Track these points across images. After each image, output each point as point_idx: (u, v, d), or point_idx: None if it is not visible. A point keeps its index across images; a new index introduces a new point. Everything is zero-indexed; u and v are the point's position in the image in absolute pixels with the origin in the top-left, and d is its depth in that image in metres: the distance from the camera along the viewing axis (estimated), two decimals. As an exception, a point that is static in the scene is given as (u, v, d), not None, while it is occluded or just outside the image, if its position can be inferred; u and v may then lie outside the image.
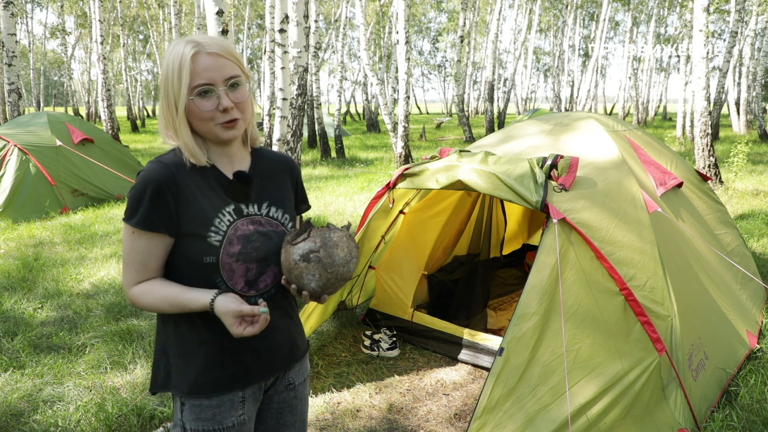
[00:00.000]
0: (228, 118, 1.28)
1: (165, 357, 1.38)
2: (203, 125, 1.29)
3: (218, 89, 1.26)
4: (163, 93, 1.28)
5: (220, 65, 1.26)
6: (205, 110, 1.26)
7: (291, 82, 6.52)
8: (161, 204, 1.25)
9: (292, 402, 1.53)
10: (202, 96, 1.25)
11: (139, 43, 33.94)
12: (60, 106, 49.95)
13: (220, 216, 1.31)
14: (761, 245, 5.47)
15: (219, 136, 1.30)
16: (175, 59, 1.24)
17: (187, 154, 1.30)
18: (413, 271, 3.84)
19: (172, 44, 1.28)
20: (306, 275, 1.28)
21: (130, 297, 1.32)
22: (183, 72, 1.23)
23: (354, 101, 43.77)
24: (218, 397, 1.36)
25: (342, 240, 1.31)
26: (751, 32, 18.55)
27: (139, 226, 1.26)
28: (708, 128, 8.63)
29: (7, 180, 7.33)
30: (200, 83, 1.24)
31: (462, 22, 18.05)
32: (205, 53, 1.25)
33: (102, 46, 14.75)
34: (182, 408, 1.37)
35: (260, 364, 1.40)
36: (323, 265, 1.28)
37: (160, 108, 1.31)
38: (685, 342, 2.56)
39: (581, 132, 3.29)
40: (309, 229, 1.31)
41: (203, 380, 1.34)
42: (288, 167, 1.51)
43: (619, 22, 36.39)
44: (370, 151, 16.24)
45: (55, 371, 3.29)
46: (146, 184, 1.25)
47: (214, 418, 1.35)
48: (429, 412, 2.90)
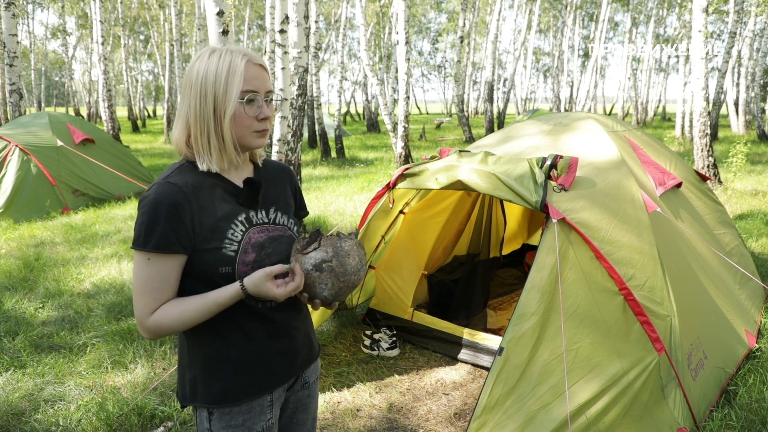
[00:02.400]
0: (264, 126, 1.34)
1: (190, 370, 1.38)
2: (241, 131, 1.31)
3: (261, 99, 1.32)
4: (199, 97, 1.27)
5: (264, 78, 1.33)
6: (248, 116, 1.30)
7: (291, 83, 6.53)
8: (178, 223, 1.24)
9: (306, 400, 1.56)
10: (249, 103, 1.30)
11: (139, 43, 33.93)
12: (61, 106, 49.95)
13: (233, 227, 1.32)
14: (760, 245, 5.48)
15: (251, 143, 1.34)
16: (224, 66, 1.27)
17: (216, 155, 1.31)
18: (413, 270, 3.85)
19: (208, 51, 1.29)
20: (319, 284, 1.30)
21: (148, 326, 1.27)
22: (236, 77, 1.27)
23: (354, 101, 43.79)
24: (248, 403, 1.37)
25: (353, 249, 1.33)
26: (750, 33, 18.54)
27: (157, 249, 1.23)
28: (707, 128, 8.64)
29: (8, 180, 7.34)
30: (249, 89, 1.29)
31: (462, 22, 18.06)
32: (253, 63, 1.31)
33: (103, 46, 14.76)
34: (210, 417, 1.36)
35: (285, 365, 1.42)
36: (336, 274, 1.30)
37: (188, 115, 1.30)
38: (684, 341, 2.57)
39: (581, 132, 3.30)
40: (319, 238, 1.33)
41: (231, 388, 1.35)
42: (287, 175, 1.55)
43: (618, 23, 36.40)
44: (370, 151, 16.25)
45: (56, 371, 3.30)
46: (159, 205, 1.23)
47: (245, 424, 1.37)
48: (429, 412, 2.91)
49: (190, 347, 1.37)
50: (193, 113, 1.29)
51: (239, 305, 1.33)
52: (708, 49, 8.52)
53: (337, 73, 17.49)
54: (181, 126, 1.32)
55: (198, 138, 1.30)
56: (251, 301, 1.34)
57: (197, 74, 1.27)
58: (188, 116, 1.30)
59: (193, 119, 1.29)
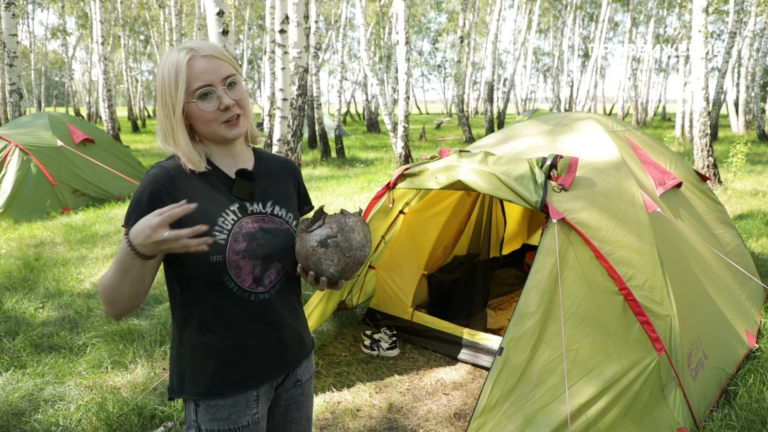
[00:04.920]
0: (230, 115, 1.31)
1: (179, 363, 1.39)
2: (207, 127, 1.31)
3: (218, 89, 1.29)
4: (161, 101, 1.29)
5: (216, 66, 1.29)
6: (208, 111, 1.29)
7: (291, 83, 6.53)
8: (159, 205, 1.24)
9: (299, 399, 1.55)
10: (202, 98, 1.28)
11: (139, 43, 33.94)
12: (61, 106, 49.95)
13: (223, 215, 1.32)
14: (760, 245, 5.48)
15: (224, 136, 1.32)
16: (170, 66, 1.26)
17: (185, 160, 1.31)
18: (413, 270, 3.85)
19: (164, 55, 1.31)
20: (325, 261, 1.29)
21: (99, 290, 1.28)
22: (180, 77, 1.26)
23: (354, 101, 43.77)
24: (233, 396, 1.37)
25: (357, 224, 1.33)
26: (750, 33, 18.55)
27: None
28: (707, 128, 8.64)
29: (8, 180, 7.34)
30: (200, 86, 1.27)
31: (462, 22, 18.06)
32: (199, 57, 1.28)
33: (103, 46, 14.76)
34: (197, 409, 1.37)
35: (272, 361, 1.42)
36: (341, 249, 1.29)
37: (157, 117, 1.33)
38: (684, 341, 2.57)
39: (581, 132, 3.30)
40: (323, 216, 1.33)
41: (218, 381, 1.35)
42: (290, 170, 1.55)
43: (618, 23, 36.40)
44: (370, 151, 16.25)
45: (56, 371, 3.30)
46: (145, 188, 1.27)
47: (230, 417, 1.37)
48: (429, 412, 2.91)
49: (179, 341, 1.38)
50: (159, 118, 1.32)
51: (226, 298, 1.32)
52: (708, 49, 8.53)
53: (337, 73, 17.49)
54: (158, 130, 1.35)
55: (168, 139, 1.32)
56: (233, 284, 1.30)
57: (156, 80, 1.30)
58: (159, 121, 1.33)
59: (162, 123, 1.31)
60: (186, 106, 1.29)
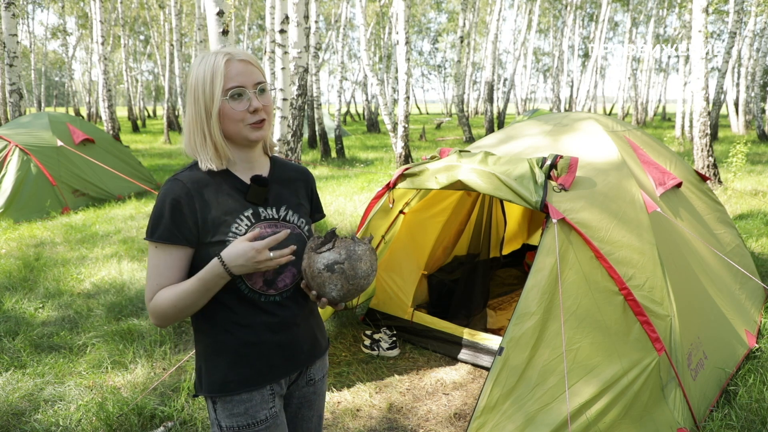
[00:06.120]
0: (257, 118, 1.37)
1: (197, 360, 1.46)
2: (234, 126, 1.37)
3: (249, 92, 1.36)
4: (193, 101, 1.36)
5: (250, 71, 1.37)
6: (238, 110, 1.35)
7: (291, 83, 6.53)
8: (180, 217, 1.33)
9: (311, 397, 1.59)
10: (234, 98, 1.35)
11: (139, 43, 33.92)
12: (61, 106, 49.94)
13: (238, 221, 1.38)
14: (760, 245, 5.48)
15: (248, 137, 1.38)
16: (208, 68, 1.34)
17: (212, 153, 1.37)
18: (413, 270, 3.85)
19: (199, 58, 1.38)
20: (328, 284, 1.33)
21: (150, 309, 1.35)
22: (217, 77, 1.33)
23: (354, 101, 43.78)
24: (248, 393, 1.42)
25: (366, 254, 1.36)
26: (750, 33, 18.55)
27: (161, 240, 1.33)
28: (707, 128, 8.64)
29: (8, 180, 7.34)
30: (233, 86, 1.34)
31: (462, 22, 18.06)
32: (236, 60, 1.36)
33: (103, 46, 14.76)
34: (215, 407, 1.43)
35: (284, 359, 1.46)
36: (346, 276, 1.33)
37: (188, 118, 1.39)
38: (684, 341, 2.57)
39: (581, 132, 3.30)
40: (334, 239, 1.36)
41: (230, 378, 1.40)
42: (304, 177, 1.59)
43: (618, 23, 36.37)
44: (370, 151, 16.25)
45: (56, 371, 3.30)
46: (164, 200, 1.34)
47: (247, 412, 1.41)
48: (429, 412, 2.91)
49: (197, 339, 1.45)
50: (189, 117, 1.38)
51: (237, 299, 1.37)
52: (708, 49, 8.53)
53: (337, 73, 17.49)
54: (185, 130, 1.41)
55: (194, 139, 1.38)
56: (244, 286, 1.37)
57: (190, 81, 1.37)
58: (188, 120, 1.39)
59: (192, 122, 1.37)
60: (220, 102, 1.35)
